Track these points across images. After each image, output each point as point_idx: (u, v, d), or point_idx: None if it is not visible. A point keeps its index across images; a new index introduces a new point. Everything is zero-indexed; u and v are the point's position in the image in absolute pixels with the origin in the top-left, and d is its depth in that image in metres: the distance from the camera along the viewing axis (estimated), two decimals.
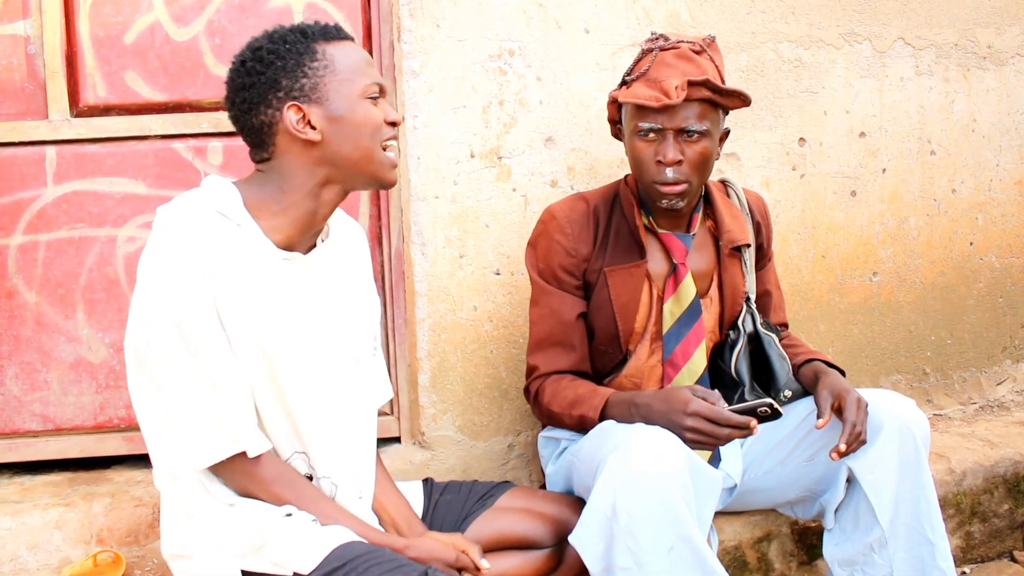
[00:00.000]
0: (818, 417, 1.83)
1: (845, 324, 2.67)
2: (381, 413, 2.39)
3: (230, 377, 1.50)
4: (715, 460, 1.95)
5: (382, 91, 1.59)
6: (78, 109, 2.23)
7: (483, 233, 2.31)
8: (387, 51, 2.30)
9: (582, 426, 1.87)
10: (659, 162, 1.85)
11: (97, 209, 2.25)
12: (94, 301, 2.26)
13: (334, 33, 1.58)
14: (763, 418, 1.70)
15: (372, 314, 1.76)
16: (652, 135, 1.85)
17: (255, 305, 1.52)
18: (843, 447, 1.77)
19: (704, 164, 1.88)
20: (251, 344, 1.52)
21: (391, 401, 2.41)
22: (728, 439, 1.70)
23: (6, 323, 2.25)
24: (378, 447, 2.36)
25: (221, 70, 2.24)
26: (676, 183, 1.86)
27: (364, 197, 2.35)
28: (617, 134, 2.02)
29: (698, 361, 1.96)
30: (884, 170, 2.66)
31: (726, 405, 1.71)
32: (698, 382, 1.97)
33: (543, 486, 2.10)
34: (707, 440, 1.70)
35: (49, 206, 2.23)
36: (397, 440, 2.41)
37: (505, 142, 2.31)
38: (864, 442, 1.81)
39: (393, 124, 1.59)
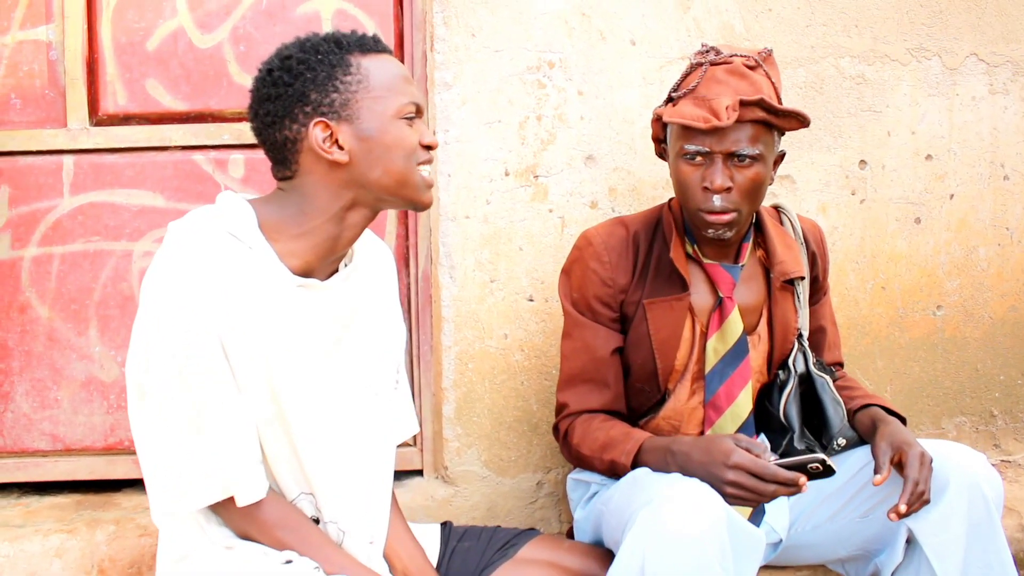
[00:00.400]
0: (875, 472, 1.65)
1: (905, 361, 2.48)
2: (403, 444, 2.28)
3: (230, 414, 1.38)
4: (758, 516, 1.78)
5: (419, 111, 1.46)
6: (97, 117, 2.15)
7: (516, 256, 2.17)
8: (419, 61, 2.18)
9: (613, 472, 1.72)
10: (706, 188, 1.70)
11: (114, 222, 2.16)
12: (108, 318, 2.17)
13: (371, 45, 1.45)
14: (813, 475, 1.53)
15: (396, 344, 1.64)
16: (699, 158, 1.70)
17: (264, 336, 1.40)
18: (903, 508, 1.59)
19: (756, 191, 1.72)
20: (258, 378, 1.40)
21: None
22: (773, 496, 1.53)
23: (18, 338, 2.16)
24: (399, 480, 2.25)
25: (245, 79, 2.15)
26: (724, 211, 1.70)
27: (391, 216, 2.23)
28: (661, 153, 1.87)
29: (743, 404, 1.80)
30: (952, 196, 2.47)
31: (773, 458, 1.55)
32: (742, 427, 1.81)
33: (571, 530, 1.95)
34: (749, 496, 1.53)
35: (65, 217, 2.15)
36: (419, 473, 2.28)
37: (542, 160, 2.18)
38: (927, 502, 1.63)
39: (429, 147, 1.46)
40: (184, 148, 2.16)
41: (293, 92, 1.40)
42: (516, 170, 2.16)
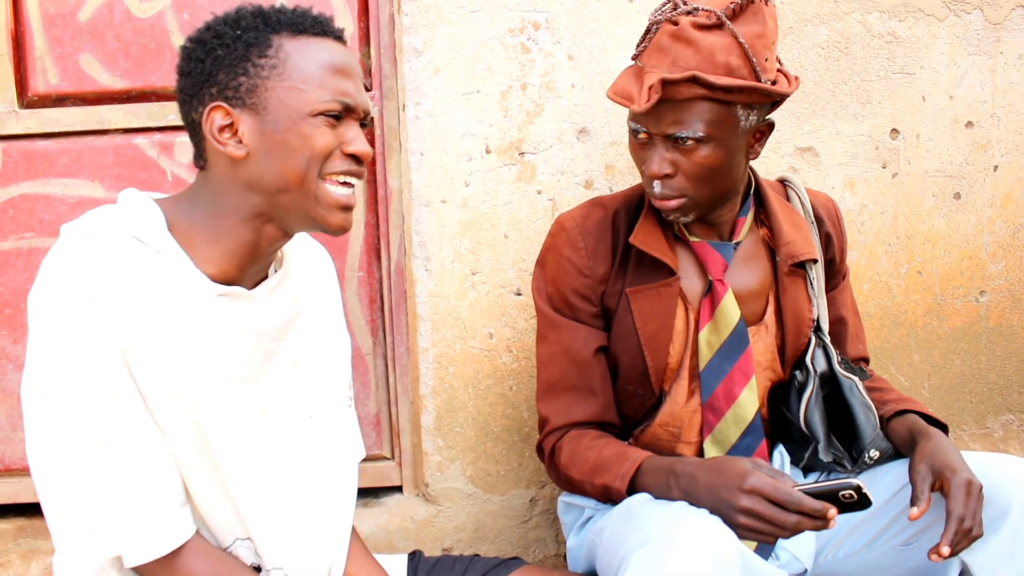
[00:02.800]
0: (912, 502, 1.39)
1: (945, 353, 2.23)
2: (380, 458, 2.05)
3: (140, 454, 1.15)
4: (765, 549, 1.52)
5: (349, 110, 1.20)
6: (27, 99, 1.92)
7: (500, 245, 1.92)
8: (386, 26, 1.93)
9: (607, 497, 1.47)
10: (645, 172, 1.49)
11: (49, 216, 1.93)
12: None
13: (307, 25, 1.20)
14: (845, 506, 1.28)
15: (340, 359, 1.40)
16: (642, 136, 1.48)
17: (180, 356, 1.16)
18: (946, 550, 1.33)
19: (709, 176, 1.46)
20: (176, 405, 1.17)
21: (392, 445, 2.05)
22: (794, 530, 1.28)
23: None
24: (376, 497, 2.01)
25: None
26: (666, 198, 1.48)
27: (360, 202, 1.98)
28: None
29: (746, 404, 1.54)
30: (996, 167, 2.21)
31: (796, 484, 1.29)
32: (747, 430, 1.55)
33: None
34: (766, 529, 1.28)
35: None
36: (398, 490, 2.04)
37: (528, 134, 1.92)
38: (975, 539, 1.37)
39: (354, 157, 1.20)
40: (125, 131, 1.92)
41: (203, 70, 1.19)
42: (498, 147, 1.91)
